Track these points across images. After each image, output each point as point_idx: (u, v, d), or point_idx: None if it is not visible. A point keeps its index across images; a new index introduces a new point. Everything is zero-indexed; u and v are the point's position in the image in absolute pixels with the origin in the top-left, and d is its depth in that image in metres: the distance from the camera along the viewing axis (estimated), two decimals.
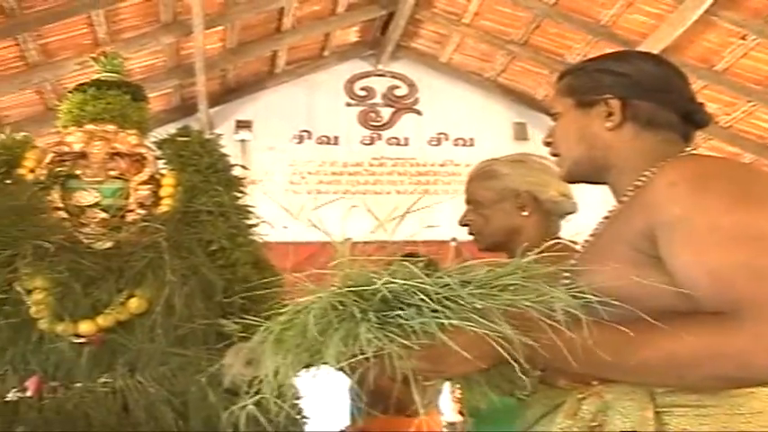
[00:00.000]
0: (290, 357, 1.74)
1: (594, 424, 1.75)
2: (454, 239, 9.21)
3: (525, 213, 2.86)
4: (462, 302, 1.66)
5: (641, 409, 1.70)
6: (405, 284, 1.68)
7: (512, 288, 1.73)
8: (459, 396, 4.35)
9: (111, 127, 3.42)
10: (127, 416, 2.68)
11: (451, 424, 6.37)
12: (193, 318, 2.85)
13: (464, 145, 11.82)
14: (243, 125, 11.26)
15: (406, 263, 1.75)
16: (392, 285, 1.68)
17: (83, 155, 3.34)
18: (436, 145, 11.82)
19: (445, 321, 1.64)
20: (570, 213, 2.96)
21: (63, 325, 2.83)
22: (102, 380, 2.81)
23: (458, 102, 12.05)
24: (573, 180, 2.17)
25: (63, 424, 2.63)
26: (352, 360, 1.67)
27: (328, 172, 11.42)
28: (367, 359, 1.67)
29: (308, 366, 1.80)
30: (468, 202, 3.02)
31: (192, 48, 9.64)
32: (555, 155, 2.18)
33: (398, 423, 4.33)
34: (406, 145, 11.80)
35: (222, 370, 2.57)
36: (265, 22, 10.55)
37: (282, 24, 10.64)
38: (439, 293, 1.67)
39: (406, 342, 1.65)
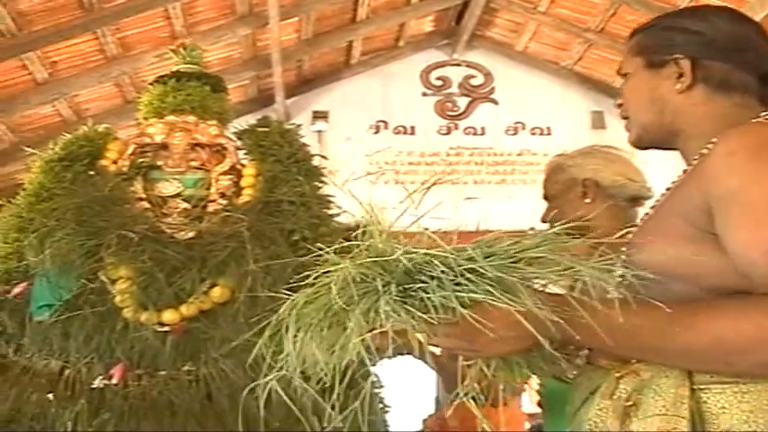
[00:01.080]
0: (313, 332, 1.71)
1: (629, 403, 1.68)
2: (532, 229, 9.13)
3: (588, 200, 2.85)
4: (485, 275, 1.59)
5: (676, 387, 1.62)
6: (425, 255, 1.62)
7: (537, 261, 1.67)
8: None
9: (191, 118, 3.44)
10: (211, 404, 2.70)
11: (531, 415, 6.34)
12: (276, 307, 2.84)
13: (541, 134, 11.71)
14: (319, 116, 11.28)
15: (431, 233, 1.70)
16: (411, 255, 1.62)
17: (164, 146, 3.37)
18: (513, 134, 11.73)
19: (465, 295, 1.57)
20: (642, 198, 2.92)
21: (147, 314, 2.86)
22: (186, 368, 2.84)
23: (534, 91, 11.93)
24: (642, 146, 2.04)
25: (148, 411, 2.66)
26: (373, 334, 1.64)
27: (405, 162, 11.38)
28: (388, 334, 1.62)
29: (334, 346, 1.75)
30: (545, 197, 3.03)
31: (268, 39, 9.68)
32: (625, 117, 2.08)
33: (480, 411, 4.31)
34: (482, 134, 11.72)
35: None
36: (340, 12, 10.55)
37: (357, 15, 10.64)
38: (461, 265, 1.60)
39: (424, 317, 1.59)
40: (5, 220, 3.21)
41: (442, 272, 1.58)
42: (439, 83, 11.99)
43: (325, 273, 1.72)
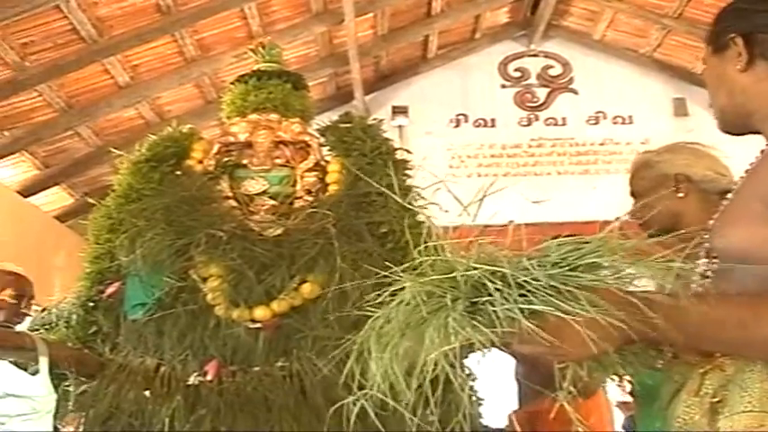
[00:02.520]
0: (392, 351, 1.70)
1: (716, 400, 1.63)
2: (618, 219, 9.03)
3: (681, 195, 2.80)
4: (544, 285, 1.58)
5: (761, 381, 1.57)
6: (484, 270, 1.60)
7: (592, 266, 1.63)
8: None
9: (274, 116, 3.46)
10: (305, 399, 2.70)
11: (624, 404, 6.28)
12: (366, 303, 2.84)
13: (623, 123, 11.56)
14: (399, 111, 11.27)
15: (489, 246, 1.68)
16: (470, 273, 1.61)
17: (248, 144, 3.40)
18: (594, 124, 11.59)
19: (526, 307, 1.56)
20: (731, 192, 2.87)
21: (238, 311, 2.88)
22: (279, 364, 2.85)
23: (614, 79, 11.79)
24: (727, 131, 1.99)
25: (243, 407, 2.67)
26: (446, 350, 1.62)
27: (487, 155, 11.32)
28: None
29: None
30: (632, 195, 2.99)
31: (344, 36, 9.71)
32: (711, 106, 2.03)
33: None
34: (563, 125, 11.61)
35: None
36: (415, 6, 10.53)
37: (432, 8, 10.61)
38: (517, 277, 1.59)
39: (488, 331, 1.57)
40: (97, 222, 3.27)
41: (504, 285, 1.57)
42: (517, 74, 11.91)
43: (397, 290, 1.72)
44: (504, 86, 11.81)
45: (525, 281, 1.55)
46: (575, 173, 11.15)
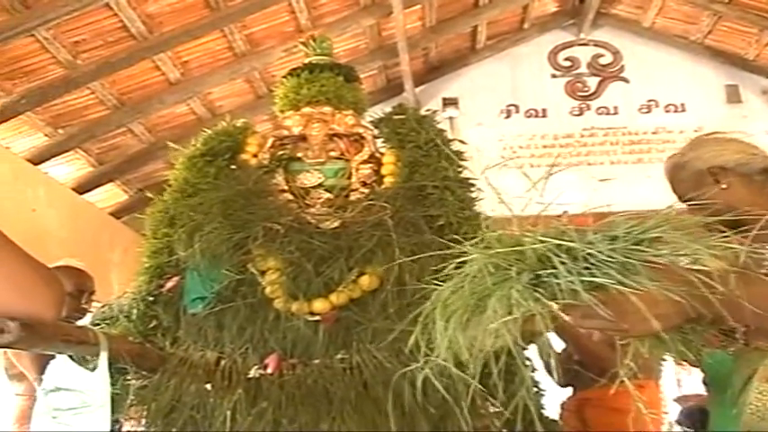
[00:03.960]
0: (456, 321, 1.71)
1: None
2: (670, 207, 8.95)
3: (724, 186, 2.76)
4: (608, 259, 1.57)
5: None
6: (550, 243, 1.60)
7: (659, 242, 1.62)
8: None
9: (327, 109, 3.46)
10: (366, 391, 2.70)
11: (684, 397, 6.23)
12: (425, 295, 2.83)
13: (675, 111, 11.44)
14: (449, 102, 11.25)
15: (560, 217, 1.68)
16: (537, 246, 1.61)
17: (302, 138, 3.40)
18: (647, 112, 11.48)
19: (589, 280, 1.55)
20: None
21: (297, 304, 2.88)
22: (339, 356, 2.84)
23: (665, 67, 11.67)
24: None
25: (304, 399, 2.67)
26: (506, 321, 1.62)
27: (539, 145, 11.26)
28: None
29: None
30: (680, 199, 2.95)
31: (393, 28, 9.70)
32: None
33: (616, 391, 4.26)
34: (615, 114, 11.51)
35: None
36: None
37: None
38: (582, 250, 1.58)
39: (550, 303, 1.57)
40: (154, 217, 3.29)
41: (568, 258, 1.57)
42: (567, 63, 11.84)
43: (462, 263, 1.73)
44: (554, 76, 11.74)
45: (590, 254, 1.55)
46: (628, 162, 11.05)
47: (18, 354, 4.60)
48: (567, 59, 11.85)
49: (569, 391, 4.89)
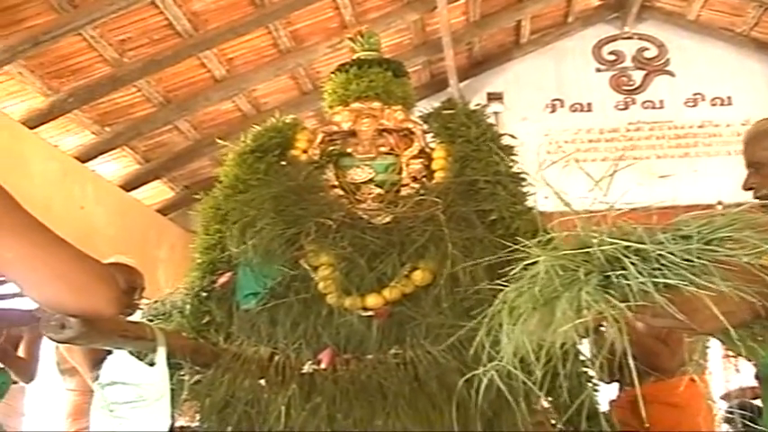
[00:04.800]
0: (523, 324, 1.69)
1: None
2: (720, 203, 8.87)
3: None
4: (678, 260, 1.54)
5: None
6: (619, 243, 1.58)
7: (729, 241, 1.60)
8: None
9: (376, 104, 3.45)
10: (420, 387, 2.69)
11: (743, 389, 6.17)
12: (478, 289, 2.82)
13: (722, 104, 11.36)
14: (494, 97, 11.24)
15: (626, 221, 1.65)
16: (606, 247, 1.59)
17: (352, 133, 3.40)
18: (693, 106, 11.41)
19: (661, 281, 1.53)
20: None
21: (351, 299, 2.88)
22: (393, 351, 2.84)
23: (711, 60, 11.58)
24: None
25: (358, 395, 2.67)
26: (577, 324, 1.60)
27: (585, 140, 11.24)
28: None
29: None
30: (749, 165, 2.88)
31: (437, 23, 9.68)
32: None
33: (666, 385, 4.24)
34: (661, 108, 11.46)
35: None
36: None
37: None
38: (653, 251, 1.56)
39: (622, 306, 1.55)
40: (205, 213, 3.30)
41: (638, 259, 1.55)
42: (612, 57, 11.79)
43: (529, 265, 1.71)
44: (599, 70, 11.71)
45: (660, 254, 1.53)
46: (674, 156, 11.00)
47: (70, 349, 4.64)
48: (611, 53, 11.81)
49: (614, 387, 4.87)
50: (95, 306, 1.83)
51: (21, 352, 5.18)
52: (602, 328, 1.73)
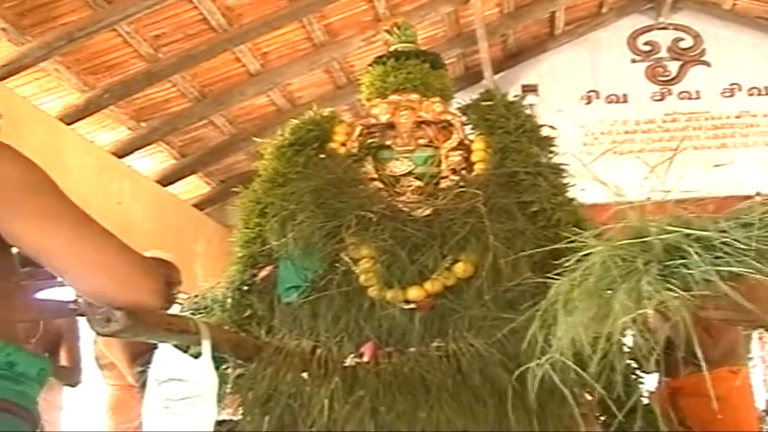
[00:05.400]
0: (581, 316, 1.66)
1: None
2: (758, 194, 8.79)
3: None
4: (743, 247, 1.51)
5: None
6: (681, 232, 1.55)
7: None
8: None
9: (414, 96, 3.45)
10: (463, 379, 2.68)
11: None
12: (520, 281, 2.81)
13: (759, 94, 11.27)
14: (529, 89, 11.18)
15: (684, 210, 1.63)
16: (667, 234, 1.56)
17: (390, 125, 3.39)
18: (729, 96, 11.32)
19: (725, 269, 1.50)
20: None
21: (392, 292, 2.86)
22: (435, 344, 2.82)
23: (747, 49, 11.50)
24: None
25: (401, 387, 2.66)
26: (638, 314, 1.58)
27: (621, 131, 11.18)
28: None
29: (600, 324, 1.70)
30: None
31: (471, 15, 9.67)
32: None
33: (706, 377, 4.20)
34: (697, 98, 11.38)
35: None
36: None
37: None
38: (717, 239, 1.53)
39: (686, 294, 1.52)
40: (245, 207, 3.30)
41: (700, 247, 1.53)
42: (647, 48, 11.72)
43: (584, 256, 1.69)
44: (634, 61, 11.65)
45: (724, 242, 1.51)
46: (711, 147, 10.91)
47: (109, 344, 4.66)
48: (646, 44, 11.74)
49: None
50: (140, 298, 1.84)
51: (62, 360, 5.22)
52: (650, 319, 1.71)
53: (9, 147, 1.95)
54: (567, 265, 1.73)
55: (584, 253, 1.67)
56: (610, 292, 1.60)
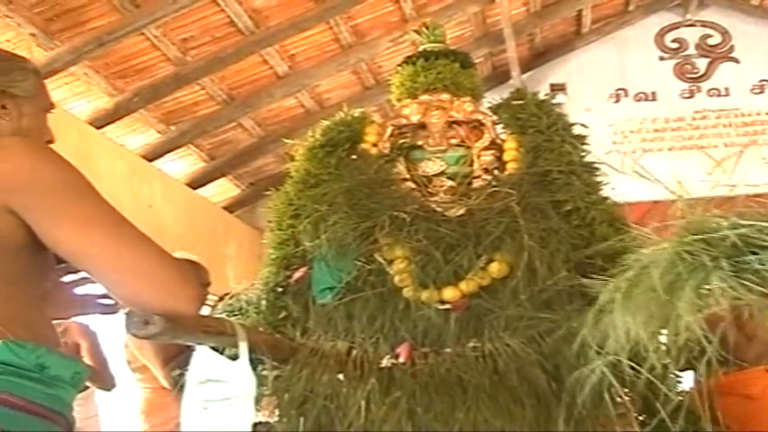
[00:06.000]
0: (641, 315, 1.63)
1: None
2: None
3: None
4: None
5: None
6: (755, 227, 1.52)
7: None
8: None
9: (445, 96, 3.44)
10: (500, 379, 2.67)
11: None
12: (556, 280, 2.80)
13: None
14: (557, 88, 11.16)
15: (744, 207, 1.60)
16: (741, 229, 1.53)
17: (421, 126, 3.39)
18: (759, 93, 11.25)
19: None
20: None
21: (427, 292, 2.85)
22: (471, 344, 2.81)
23: None
24: None
25: (438, 388, 2.65)
26: (707, 312, 1.55)
27: (650, 129, 11.12)
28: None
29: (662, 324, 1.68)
30: None
31: (498, 15, 9.65)
32: None
33: (742, 376, 4.18)
34: (727, 95, 11.31)
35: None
36: None
37: None
38: None
39: (764, 290, 1.49)
40: (278, 208, 3.30)
41: None
42: (675, 45, 11.67)
43: (646, 255, 1.66)
44: (662, 58, 11.60)
45: None
46: (742, 144, 10.83)
47: (140, 347, 4.68)
48: (674, 41, 11.69)
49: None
50: (177, 305, 1.83)
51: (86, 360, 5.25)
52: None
53: (49, 149, 1.96)
54: (624, 263, 1.70)
55: (650, 250, 1.64)
56: (674, 289, 1.57)
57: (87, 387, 5.08)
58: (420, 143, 3.37)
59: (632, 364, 1.71)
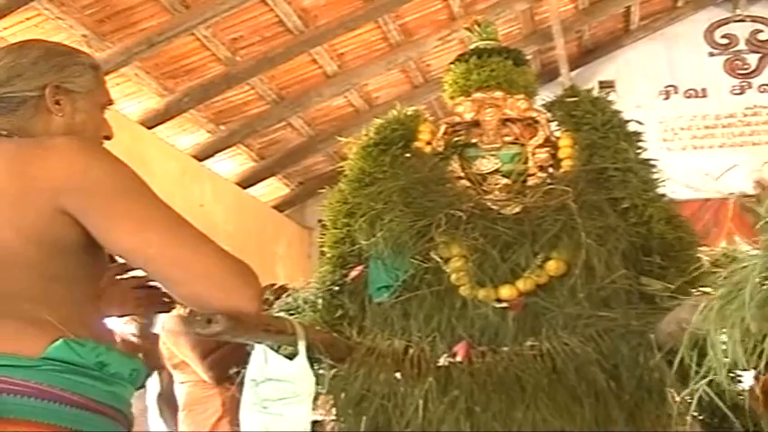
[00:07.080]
0: (737, 333, 1.57)
1: None
2: None
3: None
4: None
5: None
6: None
7: None
8: None
9: (498, 93, 3.42)
10: (558, 378, 2.66)
11: None
12: (614, 278, 2.78)
13: None
14: (606, 85, 11.07)
15: None
16: None
17: (475, 123, 3.38)
18: None
19: None
20: None
21: (484, 291, 2.85)
22: (529, 343, 2.80)
23: None
24: None
25: (496, 387, 2.64)
26: None
27: (701, 126, 11.02)
28: None
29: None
30: None
31: (546, 12, 9.62)
32: None
33: None
34: None
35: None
36: None
37: None
38: None
39: None
40: (333, 207, 3.30)
41: None
42: (725, 41, 11.54)
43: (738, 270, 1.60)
44: (712, 54, 11.48)
45: None
46: None
47: (178, 343, 4.70)
48: (724, 37, 11.56)
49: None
50: (238, 305, 1.83)
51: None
52: None
53: (102, 149, 1.97)
54: (719, 279, 1.64)
55: (742, 265, 1.57)
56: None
57: (143, 385, 5.12)
58: (474, 141, 3.36)
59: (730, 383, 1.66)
